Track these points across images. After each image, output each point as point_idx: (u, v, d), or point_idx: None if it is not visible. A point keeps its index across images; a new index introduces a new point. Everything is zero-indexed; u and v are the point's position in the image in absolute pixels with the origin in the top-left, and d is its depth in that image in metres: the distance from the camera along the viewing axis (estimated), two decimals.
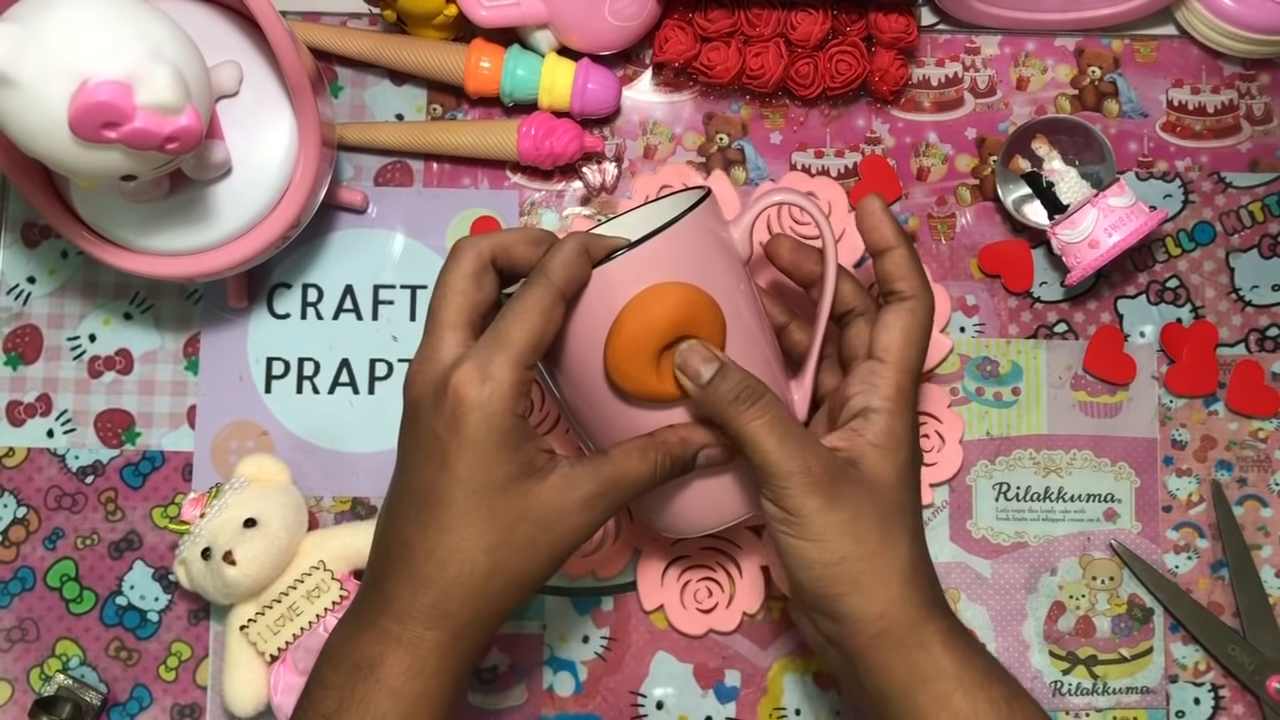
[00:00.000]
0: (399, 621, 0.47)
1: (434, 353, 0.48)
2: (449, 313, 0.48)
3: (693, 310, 0.50)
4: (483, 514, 0.46)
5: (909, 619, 0.49)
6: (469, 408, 0.45)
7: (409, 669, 0.47)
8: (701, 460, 0.51)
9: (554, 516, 0.47)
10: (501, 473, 0.46)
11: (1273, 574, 0.65)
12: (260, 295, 0.67)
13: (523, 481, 0.47)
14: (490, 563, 0.47)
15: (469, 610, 0.47)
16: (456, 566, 0.47)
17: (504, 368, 0.46)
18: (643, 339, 0.49)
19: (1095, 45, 0.69)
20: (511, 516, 0.47)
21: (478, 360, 0.46)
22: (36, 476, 0.66)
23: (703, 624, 0.64)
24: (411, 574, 0.47)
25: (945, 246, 0.67)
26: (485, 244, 0.49)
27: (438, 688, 0.47)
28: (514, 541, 0.47)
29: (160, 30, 0.50)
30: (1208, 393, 0.66)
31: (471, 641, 0.48)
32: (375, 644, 0.47)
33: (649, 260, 0.50)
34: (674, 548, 0.64)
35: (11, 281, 0.68)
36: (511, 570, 0.47)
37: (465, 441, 0.46)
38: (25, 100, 0.48)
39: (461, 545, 0.46)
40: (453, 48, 0.66)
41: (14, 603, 0.65)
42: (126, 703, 0.65)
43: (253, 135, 0.60)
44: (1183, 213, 0.68)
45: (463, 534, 0.46)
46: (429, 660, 0.47)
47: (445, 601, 0.47)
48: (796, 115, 0.68)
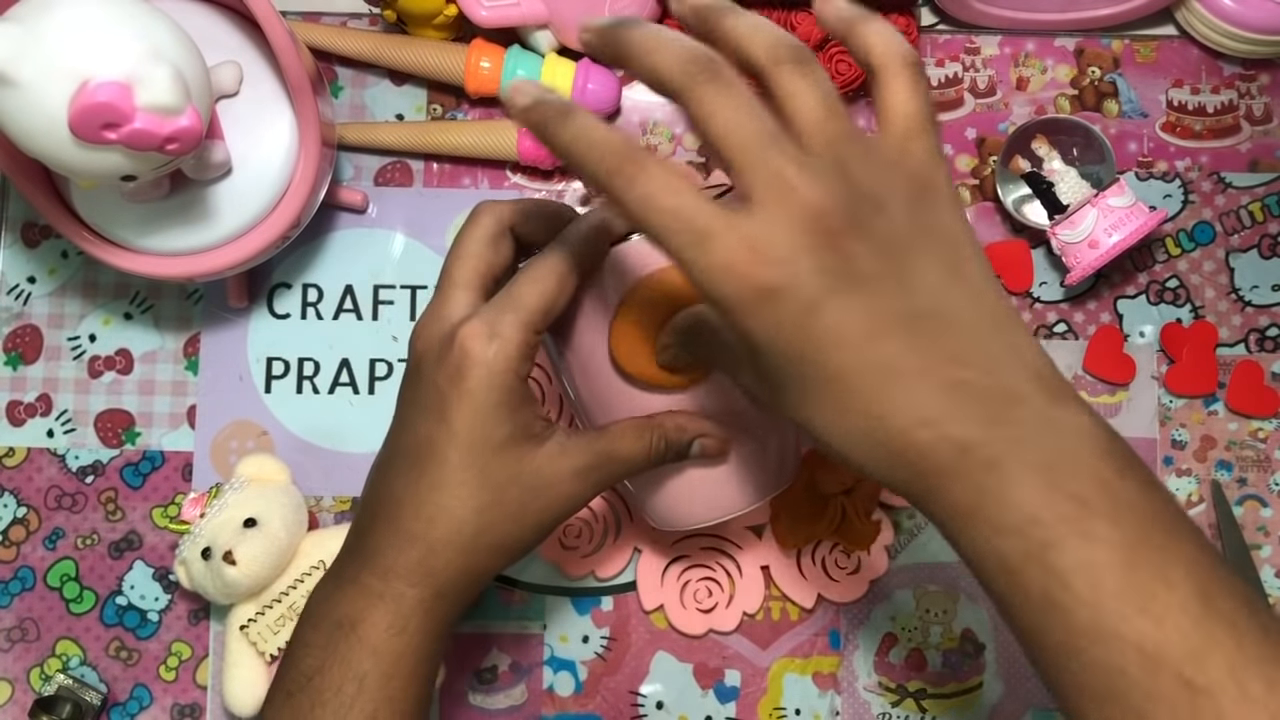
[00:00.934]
0: (382, 578, 0.47)
1: (443, 309, 0.48)
2: (462, 272, 0.48)
3: None
4: (476, 472, 0.46)
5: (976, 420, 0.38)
6: (473, 363, 0.45)
7: (390, 626, 0.46)
8: (695, 450, 0.51)
9: (545, 483, 0.47)
10: (498, 433, 0.46)
11: (1273, 574, 0.65)
12: (260, 295, 0.67)
13: (519, 444, 0.46)
14: (479, 523, 0.47)
15: (453, 569, 0.47)
16: (445, 524, 0.46)
17: (512, 327, 0.45)
18: (648, 321, 0.50)
19: (1095, 45, 0.69)
20: (504, 478, 0.47)
21: (487, 317, 0.46)
22: (36, 476, 0.66)
23: (703, 624, 0.64)
24: (398, 530, 0.47)
25: None
26: (506, 209, 0.49)
27: (419, 646, 0.47)
28: (504, 503, 0.47)
29: (160, 30, 0.50)
30: (1207, 393, 0.66)
31: (453, 602, 0.48)
32: (357, 600, 0.47)
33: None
34: (674, 547, 0.64)
35: (11, 281, 0.68)
36: (498, 532, 0.47)
37: (465, 396, 0.45)
38: (25, 101, 0.48)
39: (452, 503, 0.46)
40: (453, 48, 0.66)
41: (14, 603, 0.65)
42: (126, 703, 0.65)
43: (253, 135, 0.60)
44: (1182, 213, 0.68)
45: (454, 491, 0.46)
46: (411, 618, 0.47)
47: (430, 559, 0.47)
48: None
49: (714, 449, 0.52)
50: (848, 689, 0.64)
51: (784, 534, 0.63)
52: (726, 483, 0.54)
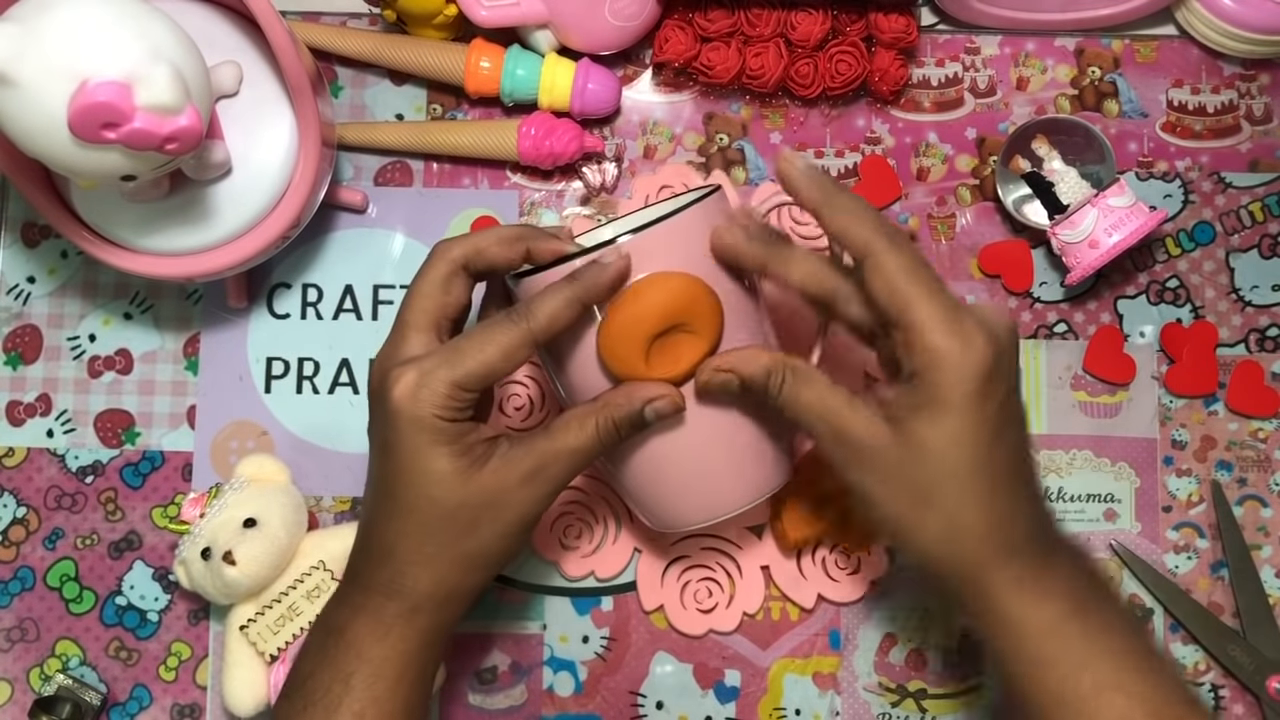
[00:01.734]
0: (364, 593, 0.51)
1: (394, 349, 0.51)
2: (413, 314, 0.51)
3: (690, 301, 0.50)
4: (423, 502, 0.49)
5: (968, 567, 0.48)
6: (399, 411, 0.48)
7: (372, 633, 0.50)
8: (649, 415, 0.51)
9: (494, 497, 0.49)
10: (436, 466, 0.48)
11: (1273, 574, 0.65)
12: (260, 295, 0.67)
13: (461, 471, 0.48)
14: (436, 544, 0.49)
15: (422, 586, 0.50)
16: (404, 547, 0.50)
17: (443, 383, 0.48)
18: (636, 325, 0.50)
19: (1095, 45, 0.69)
20: (452, 503, 0.49)
21: (423, 368, 0.48)
22: (36, 476, 0.66)
23: (703, 624, 0.64)
24: (371, 553, 0.51)
25: (945, 247, 0.67)
26: (458, 249, 0.51)
27: (403, 652, 0.50)
28: (456, 523, 0.49)
29: (160, 30, 0.50)
30: (1208, 393, 0.66)
31: (432, 614, 0.50)
32: (345, 612, 0.51)
33: (650, 247, 0.50)
34: (674, 548, 0.64)
35: (11, 281, 0.68)
36: (459, 551, 0.50)
37: (399, 437, 0.48)
38: (25, 100, 0.48)
39: (407, 528, 0.49)
40: (453, 48, 0.66)
41: (14, 603, 0.65)
42: (126, 703, 0.65)
43: (253, 135, 0.60)
44: (1183, 213, 0.68)
45: (405, 520, 0.49)
46: (392, 627, 0.50)
47: (399, 577, 0.50)
48: (796, 115, 0.68)
49: (667, 408, 0.51)
50: (848, 689, 0.64)
51: (784, 535, 0.63)
52: (723, 482, 0.54)
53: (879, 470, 0.48)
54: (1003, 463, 0.48)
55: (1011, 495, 0.49)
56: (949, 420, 0.47)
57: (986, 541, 0.48)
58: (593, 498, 0.65)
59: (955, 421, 0.47)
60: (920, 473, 0.48)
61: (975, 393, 0.47)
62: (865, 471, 0.49)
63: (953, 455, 0.47)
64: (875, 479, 0.49)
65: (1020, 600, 0.48)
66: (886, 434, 0.48)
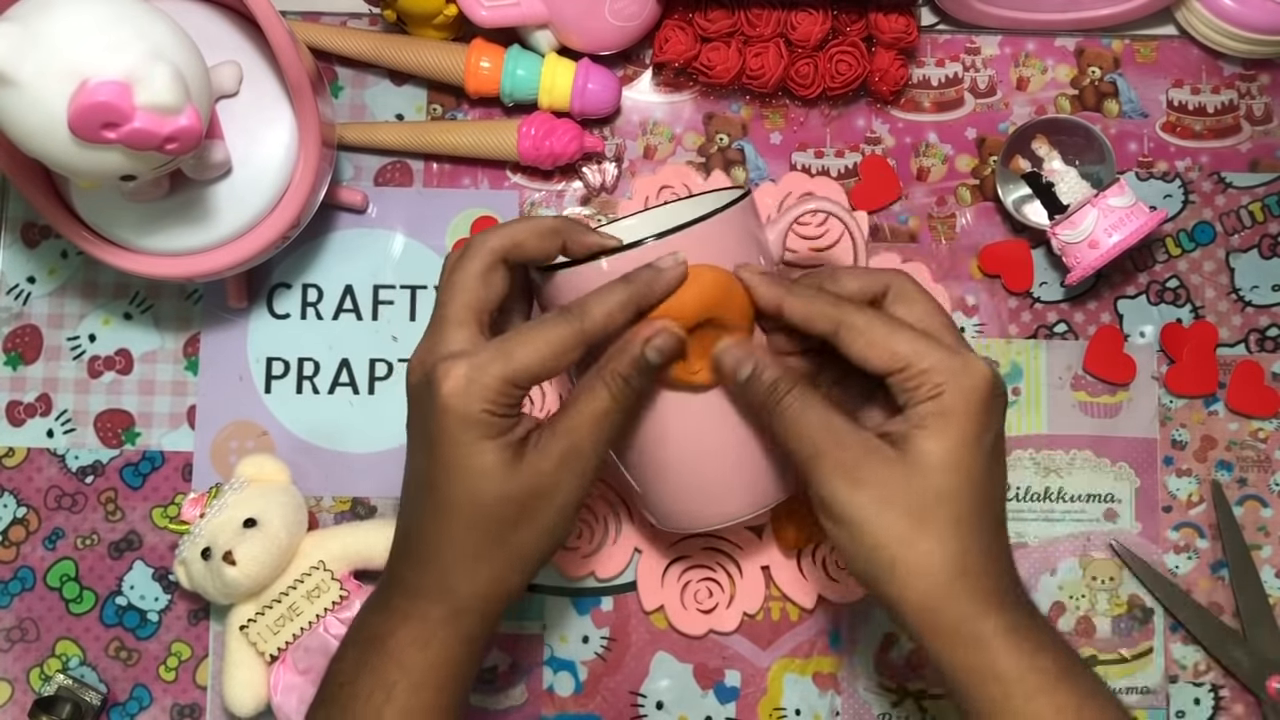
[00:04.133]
0: (408, 598, 0.49)
1: (436, 344, 0.49)
2: (454, 309, 0.49)
3: (725, 294, 0.50)
4: (469, 499, 0.48)
5: (960, 614, 0.46)
6: (446, 406, 0.47)
7: (415, 640, 0.48)
8: (651, 354, 0.49)
9: (535, 486, 0.48)
10: (483, 461, 0.47)
11: (1273, 574, 0.65)
12: (260, 295, 0.67)
13: (505, 464, 0.48)
14: (482, 541, 0.48)
15: (470, 585, 0.49)
16: (449, 547, 0.48)
17: (495, 379, 0.47)
18: (673, 318, 0.49)
19: (1095, 45, 0.69)
20: (498, 497, 0.48)
21: (475, 362, 0.47)
22: (36, 476, 0.66)
23: (703, 624, 0.64)
24: (415, 556, 0.50)
25: (945, 246, 0.67)
26: (497, 241, 0.50)
27: (445, 660, 0.49)
28: (502, 519, 0.48)
29: (160, 30, 0.50)
30: (1208, 393, 0.66)
31: (477, 616, 0.49)
32: (387, 620, 0.49)
33: (691, 243, 0.50)
34: (674, 548, 0.64)
35: (11, 281, 0.68)
36: (504, 547, 0.49)
37: (444, 433, 0.47)
38: (25, 100, 0.48)
39: (451, 527, 0.48)
40: (453, 48, 0.66)
41: (14, 603, 0.65)
42: (126, 703, 0.65)
43: (253, 135, 0.60)
44: (1183, 213, 0.68)
45: (451, 518, 0.48)
46: (435, 633, 0.49)
47: (446, 578, 0.49)
48: (796, 115, 0.68)
49: (669, 343, 0.49)
50: (848, 689, 0.64)
51: (784, 534, 0.63)
52: (737, 486, 0.54)
53: (876, 486, 0.47)
54: (995, 500, 0.48)
55: (1002, 536, 0.49)
56: (951, 434, 0.47)
57: (982, 579, 0.47)
58: (593, 498, 0.65)
59: (957, 436, 0.47)
60: (920, 490, 0.46)
61: (977, 409, 0.47)
62: (859, 490, 0.47)
63: (953, 473, 0.47)
64: (871, 497, 0.47)
65: (1011, 652, 0.46)
66: (889, 450, 0.47)
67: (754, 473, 0.54)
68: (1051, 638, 0.48)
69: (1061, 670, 0.47)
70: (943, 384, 0.47)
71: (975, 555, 0.47)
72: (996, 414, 0.48)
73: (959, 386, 0.47)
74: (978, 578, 0.47)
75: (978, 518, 0.47)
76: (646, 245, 0.50)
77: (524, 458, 0.48)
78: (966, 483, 0.47)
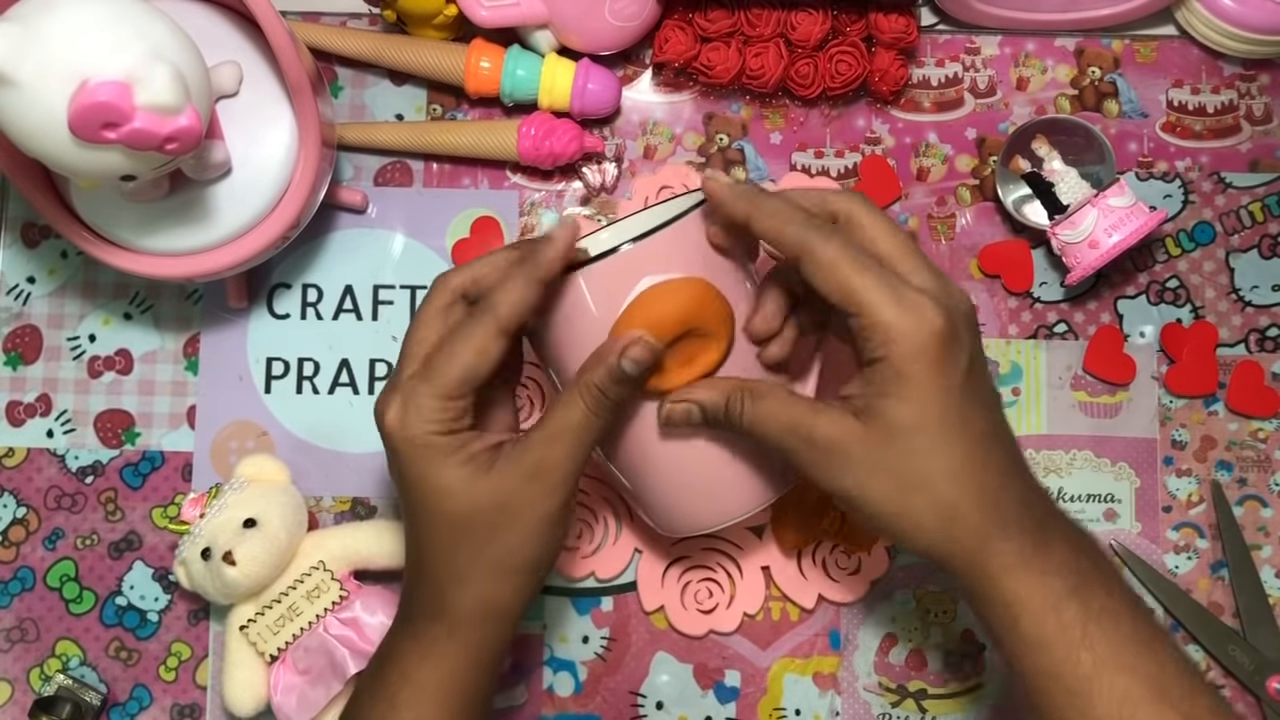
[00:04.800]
0: (410, 618, 0.52)
1: (391, 383, 0.51)
2: (411, 345, 0.51)
3: (701, 305, 0.50)
4: (439, 518, 0.49)
5: (965, 551, 0.48)
6: (390, 435, 0.49)
7: (415, 655, 0.51)
8: (628, 365, 0.48)
9: (504, 499, 0.49)
10: (442, 481, 0.49)
11: (1273, 574, 0.65)
12: (260, 295, 0.67)
13: (467, 480, 0.48)
14: (463, 557, 0.49)
15: (461, 601, 0.50)
16: (435, 566, 0.50)
17: (428, 398, 0.48)
18: (652, 332, 0.49)
19: (1095, 45, 0.69)
20: (464, 512, 0.49)
21: (404, 390, 0.49)
22: (36, 477, 0.66)
23: (703, 624, 0.64)
24: (415, 576, 0.52)
25: (945, 247, 0.67)
26: (456, 279, 0.51)
27: (447, 673, 0.50)
28: (475, 532, 0.49)
29: (160, 30, 0.50)
30: (1208, 393, 0.66)
31: (474, 632, 0.50)
32: (397, 638, 0.52)
33: (657, 252, 0.50)
34: (674, 548, 0.64)
35: (11, 281, 0.68)
36: (486, 559, 0.49)
37: (403, 462, 0.49)
38: (25, 100, 0.48)
39: (432, 547, 0.50)
40: (453, 48, 0.66)
41: (14, 603, 0.65)
42: (126, 703, 0.65)
43: (253, 135, 0.60)
44: (1183, 213, 0.68)
45: (430, 538, 0.50)
46: (433, 647, 0.50)
47: (438, 597, 0.50)
48: (796, 115, 0.68)
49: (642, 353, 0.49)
50: (848, 689, 0.64)
51: (785, 535, 0.63)
52: (731, 487, 0.54)
53: (858, 467, 0.47)
54: (979, 433, 0.48)
55: (996, 466, 0.48)
56: (912, 395, 0.46)
57: (979, 518, 0.47)
58: (593, 498, 0.65)
59: (919, 395, 0.46)
60: (898, 458, 0.47)
61: (934, 362, 0.46)
62: (846, 473, 0.48)
63: (925, 432, 0.46)
64: (857, 477, 0.47)
65: (1016, 579, 0.47)
66: (857, 427, 0.47)
67: (744, 472, 0.54)
68: (1066, 557, 0.48)
69: (1069, 589, 0.47)
70: (893, 340, 0.46)
71: (970, 495, 0.47)
72: (960, 350, 0.47)
73: (912, 339, 0.46)
74: (976, 515, 0.47)
75: (965, 453, 0.47)
76: (620, 253, 0.49)
77: (491, 470, 0.49)
78: (941, 435, 0.47)
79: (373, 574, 0.63)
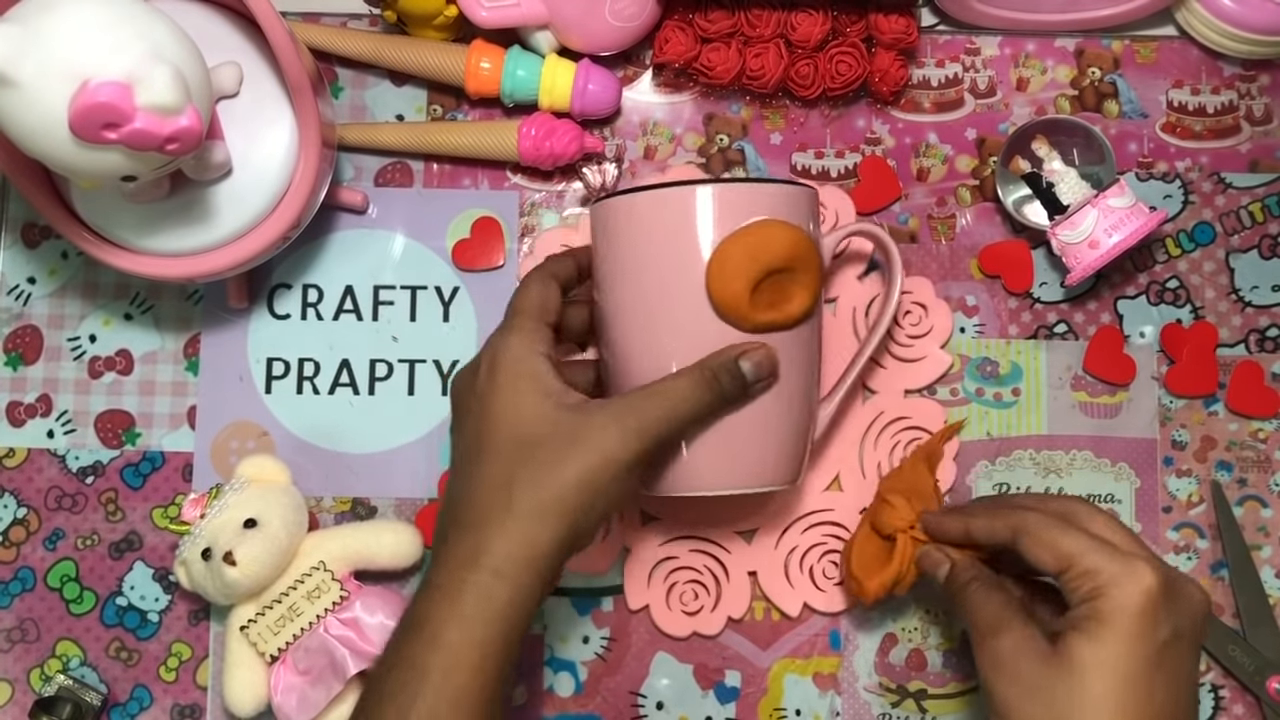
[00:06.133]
0: (445, 572, 0.49)
1: None
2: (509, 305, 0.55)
3: (806, 253, 0.53)
4: (507, 443, 0.49)
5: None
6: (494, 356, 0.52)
7: (451, 615, 0.47)
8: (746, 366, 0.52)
9: (582, 431, 0.49)
10: (524, 404, 0.50)
11: (1273, 574, 0.65)
12: (260, 296, 0.67)
13: (552, 408, 0.50)
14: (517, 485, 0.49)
15: (503, 543, 0.48)
16: (484, 499, 0.49)
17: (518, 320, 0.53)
18: (752, 258, 0.52)
19: (1095, 46, 0.69)
20: (537, 436, 0.49)
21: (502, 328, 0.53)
22: (37, 477, 0.66)
23: (687, 626, 0.64)
24: (457, 525, 0.50)
25: (945, 247, 0.67)
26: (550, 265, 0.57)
27: (481, 637, 0.47)
28: (539, 461, 0.49)
29: (160, 31, 0.50)
30: (1208, 393, 0.66)
31: (512, 582, 0.48)
32: (424, 601, 0.49)
33: (777, 199, 0.54)
34: (662, 549, 0.64)
35: (12, 282, 0.68)
36: (540, 494, 0.48)
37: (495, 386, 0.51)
38: (25, 101, 0.48)
39: (488, 474, 0.49)
40: (453, 48, 0.66)
41: (14, 603, 0.65)
42: (126, 703, 0.65)
43: (253, 136, 0.60)
44: (1183, 213, 0.68)
45: (490, 464, 0.49)
46: (469, 603, 0.47)
47: (481, 539, 0.48)
48: (797, 116, 0.68)
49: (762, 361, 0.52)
50: (848, 689, 0.64)
51: (859, 586, 0.60)
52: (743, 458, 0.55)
53: (1025, 683, 0.48)
54: (1158, 704, 0.47)
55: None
56: (1108, 639, 0.48)
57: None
58: None
59: (1114, 640, 0.47)
60: (1066, 694, 0.47)
61: (1138, 616, 0.47)
62: (1011, 683, 0.49)
63: (1104, 678, 0.47)
64: (1019, 691, 0.48)
65: None
66: (1044, 648, 0.49)
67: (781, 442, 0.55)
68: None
69: None
70: (1102, 585, 0.48)
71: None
72: (1164, 620, 0.48)
73: (1120, 589, 0.48)
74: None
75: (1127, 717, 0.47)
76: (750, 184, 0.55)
77: (577, 407, 0.50)
78: (1119, 688, 0.47)
79: (373, 574, 0.63)
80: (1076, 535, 0.50)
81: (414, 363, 0.67)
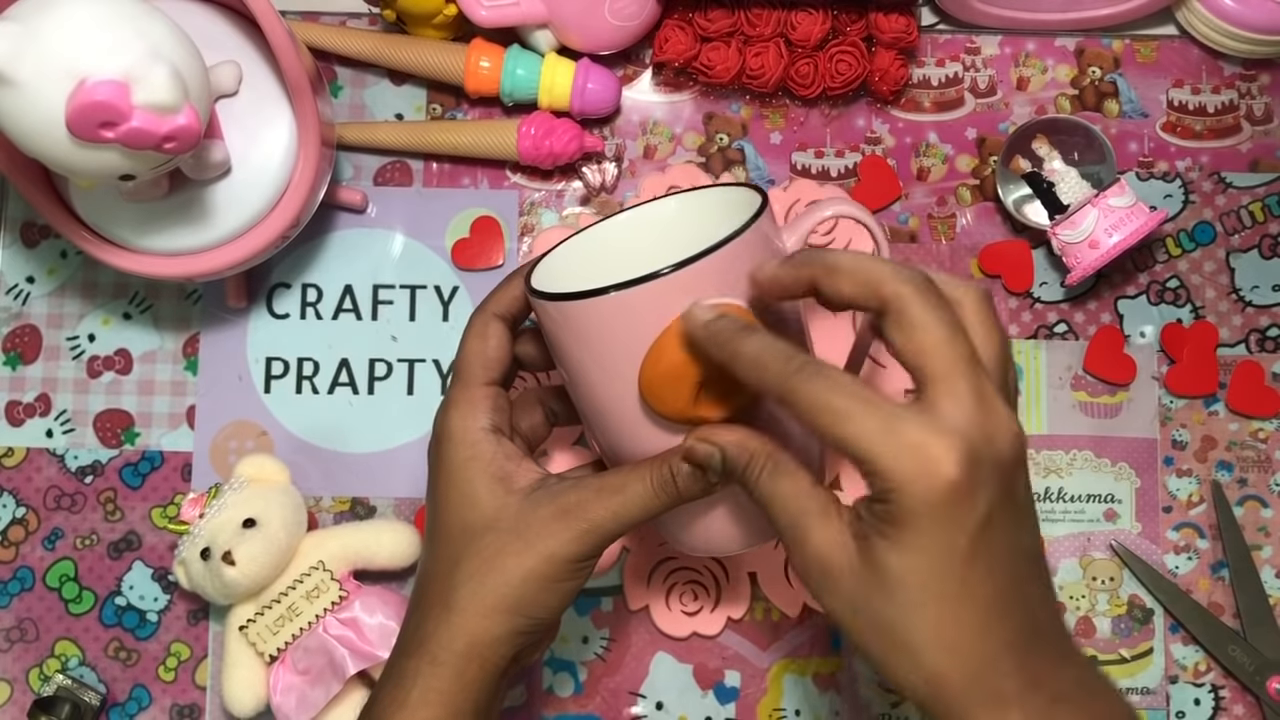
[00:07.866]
0: (392, 655, 0.49)
1: None
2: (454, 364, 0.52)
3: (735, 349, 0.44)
4: (454, 527, 0.48)
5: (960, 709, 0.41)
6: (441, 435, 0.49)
7: (392, 700, 0.47)
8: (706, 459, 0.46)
9: (526, 524, 0.47)
10: (474, 486, 0.48)
11: (1273, 574, 0.65)
12: (260, 295, 0.67)
13: (499, 494, 0.47)
14: (459, 575, 0.47)
15: (442, 633, 0.47)
16: (431, 588, 0.48)
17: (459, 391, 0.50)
18: (684, 369, 0.45)
19: (1095, 45, 0.69)
20: (481, 524, 0.47)
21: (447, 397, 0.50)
22: (36, 476, 0.66)
23: (686, 626, 0.64)
24: (412, 607, 0.50)
25: (945, 247, 0.67)
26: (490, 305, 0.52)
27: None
28: (484, 549, 0.47)
29: (159, 30, 0.50)
30: (1208, 393, 0.66)
31: (453, 669, 0.47)
32: (378, 686, 0.49)
33: (712, 271, 0.45)
34: (661, 549, 0.64)
35: (11, 281, 0.68)
36: (484, 586, 0.47)
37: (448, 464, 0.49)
38: (23, 100, 0.48)
39: (436, 561, 0.48)
40: (452, 47, 0.66)
41: (13, 603, 0.65)
42: (126, 703, 0.65)
43: (252, 135, 0.60)
44: (1183, 213, 0.68)
45: (438, 551, 0.48)
46: (412, 689, 0.47)
47: (421, 626, 0.48)
48: (796, 115, 0.68)
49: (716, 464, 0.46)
50: (848, 689, 0.64)
51: None
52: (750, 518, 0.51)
53: (844, 598, 0.42)
54: (985, 598, 0.41)
55: (1002, 637, 0.41)
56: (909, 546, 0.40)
57: (970, 694, 0.41)
58: None
59: (916, 548, 0.40)
60: (886, 607, 0.41)
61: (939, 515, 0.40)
62: (832, 597, 0.42)
63: (916, 590, 0.41)
64: (842, 607, 0.42)
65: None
66: (851, 555, 0.41)
67: None
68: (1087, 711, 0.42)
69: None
70: (892, 489, 0.40)
71: (961, 668, 0.41)
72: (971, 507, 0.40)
73: (913, 492, 0.39)
74: (967, 691, 0.41)
75: (958, 627, 0.41)
76: (663, 278, 0.44)
77: (526, 494, 0.47)
78: (934, 598, 0.41)
79: (372, 574, 0.64)
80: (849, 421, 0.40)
81: (413, 362, 0.67)
